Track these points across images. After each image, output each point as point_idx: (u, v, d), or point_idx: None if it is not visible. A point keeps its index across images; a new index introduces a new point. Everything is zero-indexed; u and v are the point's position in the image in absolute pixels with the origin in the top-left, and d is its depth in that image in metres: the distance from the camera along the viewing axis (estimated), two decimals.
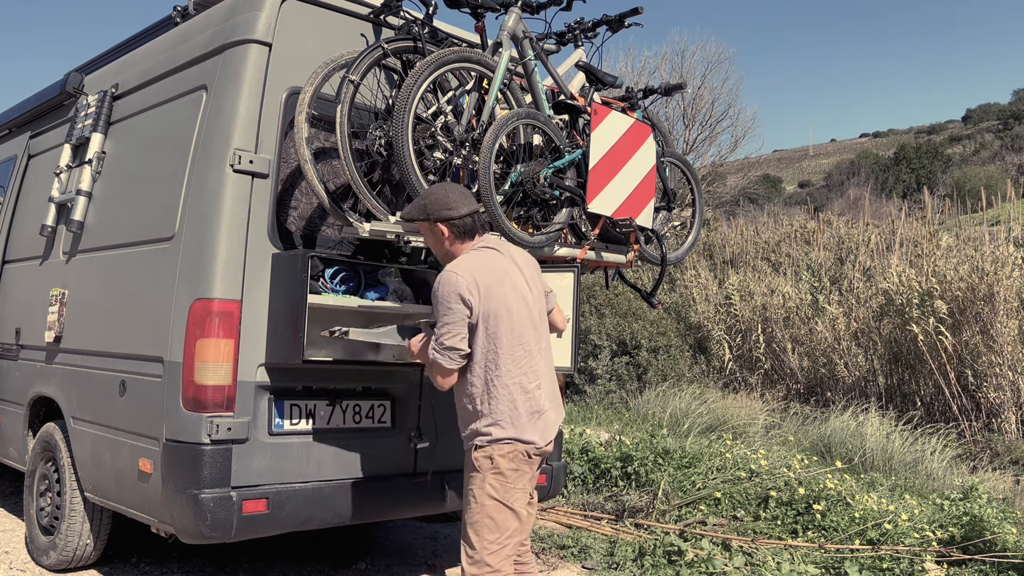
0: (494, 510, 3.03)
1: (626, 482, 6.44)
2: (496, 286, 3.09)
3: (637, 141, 4.23)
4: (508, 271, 3.18)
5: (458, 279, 3.04)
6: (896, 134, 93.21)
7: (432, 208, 3.18)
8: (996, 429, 8.75)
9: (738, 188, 29.82)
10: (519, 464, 3.06)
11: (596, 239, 4.23)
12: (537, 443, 3.09)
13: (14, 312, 5.32)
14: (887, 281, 10.16)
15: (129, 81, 4.59)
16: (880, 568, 4.76)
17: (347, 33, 3.96)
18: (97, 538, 4.35)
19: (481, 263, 3.13)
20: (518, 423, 3.06)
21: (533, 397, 3.11)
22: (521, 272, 3.23)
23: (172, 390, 3.55)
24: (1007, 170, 46.82)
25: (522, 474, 3.08)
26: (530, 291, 3.23)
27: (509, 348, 3.08)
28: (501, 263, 3.19)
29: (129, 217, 4.24)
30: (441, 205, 3.16)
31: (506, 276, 3.16)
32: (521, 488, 3.08)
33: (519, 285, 3.19)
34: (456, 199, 3.17)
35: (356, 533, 5.44)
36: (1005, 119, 75.47)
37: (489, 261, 3.16)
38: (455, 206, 3.16)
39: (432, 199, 3.19)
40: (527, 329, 3.15)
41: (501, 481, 3.04)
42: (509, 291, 3.13)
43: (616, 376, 11.55)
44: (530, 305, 3.20)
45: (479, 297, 3.04)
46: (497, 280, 3.11)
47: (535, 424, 3.11)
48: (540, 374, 3.17)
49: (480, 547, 3.01)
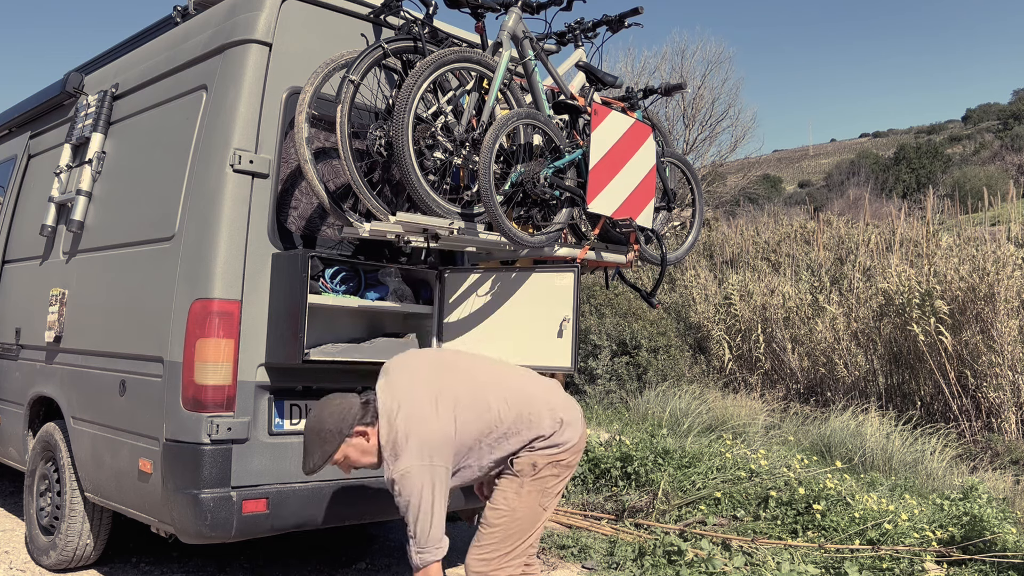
0: (519, 520, 3.07)
1: (626, 482, 6.43)
2: (440, 420, 2.92)
3: (637, 141, 4.23)
4: (437, 367, 3.12)
5: (419, 470, 2.82)
6: (896, 134, 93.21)
7: (333, 435, 2.95)
8: (996, 429, 8.75)
9: (738, 188, 29.82)
10: (561, 471, 3.11)
11: (596, 239, 4.23)
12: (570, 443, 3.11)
13: (14, 312, 5.32)
14: (887, 281, 10.16)
15: (129, 81, 4.59)
16: (880, 568, 4.76)
17: (347, 33, 3.96)
18: (97, 538, 4.35)
19: (417, 420, 2.90)
20: (549, 433, 3.06)
21: (536, 413, 3.08)
22: (436, 361, 3.20)
23: (172, 390, 3.55)
24: (1007, 170, 46.81)
25: (563, 480, 3.14)
26: (457, 363, 3.18)
27: (490, 415, 3.01)
28: (424, 365, 3.12)
29: (129, 217, 4.24)
30: (336, 427, 2.95)
31: (436, 375, 3.06)
32: (557, 495, 3.15)
33: (447, 375, 3.08)
34: (330, 425, 2.96)
35: (356, 533, 5.44)
36: (1005, 119, 75.48)
37: (419, 405, 2.94)
38: (340, 426, 2.95)
39: (324, 427, 2.95)
40: (484, 387, 3.07)
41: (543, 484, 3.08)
42: (445, 407, 2.96)
43: (616, 376, 11.54)
44: (464, 377, 3.10)
45: (447, 447, 2.90)
46: (432, 413, 2.92)
47: (566, 426, 3.12)
48: (532, 390, 3.16)
49: (503, 562, 3.05)
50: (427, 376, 3.05)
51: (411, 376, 3.04)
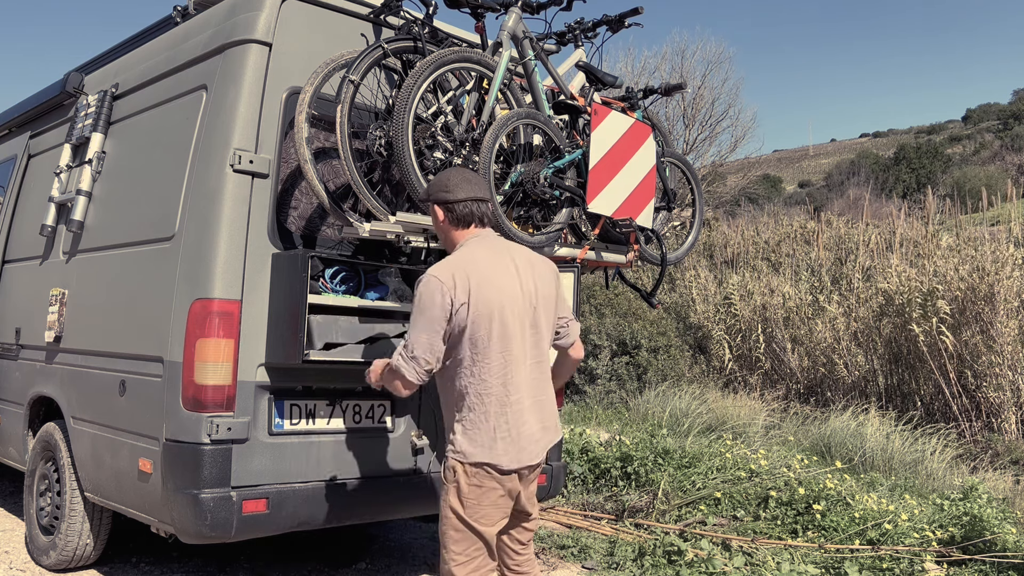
0: (455, 524, 2.84)
1: (626, 482, 6.43)
2: (485, 288, 2.82)
3: (637, 141, 4.23)
4: (503, 273, 2.90)
5: (440, 284, 2.79)
6: (896, 134, 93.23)
7: (433, 188, 3.01)
8: (996, 429, 8.75)
9: (738, 188, 29.84)
10: (483, 482, 2.82)
11: (596, 239, 4.23)
12: (504, 466, 2.81)
13: (14, 312, 5.32)
14: (887, 281, 10.16)
15: (129, 81, 4.59)
16: (880, 568, 4.76)
17: (347, 33, 3.96)
18: (97, 538, 4.35)
19: (472, 261, 2.87)
20: (488, 442, 2.81)
21: (513, 413, 2.84)
22: (519, 273, 2.94)
23: (172, 390, 3.55)
24: (1007, 170, 46.82)
25: (487, 492, 2.83)
26: (528, 294, 2.94)
27: (492, 357, 2.82)
28: (496, 263, 2.91)
29: (129, 217, 4.24)
30: (440, 186, 2.98)
31: (500, 276, 2.88)
32: (489, 505, 2.84)
33: (514, 287, 2.90)
34: (456, 182, 2.96)
35: (356, 533, 5.44)
36: (1005, 119, 75.52)
37: (483, 259, 2.89)
38: (453, 189, 2.95)
39: (436, 179, 3.04)
40: (515, 338, 2.87)
41: (462, 497, 2.82)
42: (500, 293, 2.85)
43: (616, 376, 11.54)
44: (523, 311, 2.91)
45: (464, 301, 2.79)
46: (487, 282, 2.84)
47: (510, 444, 2.83)
48: (526, 387, 2.90)
49: (447, 557, 2.86)
50: (498, 292, 2.88)
51: (490, 277, 2.88)
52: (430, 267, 2.88)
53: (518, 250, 3.05)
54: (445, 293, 2.79)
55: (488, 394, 2.83)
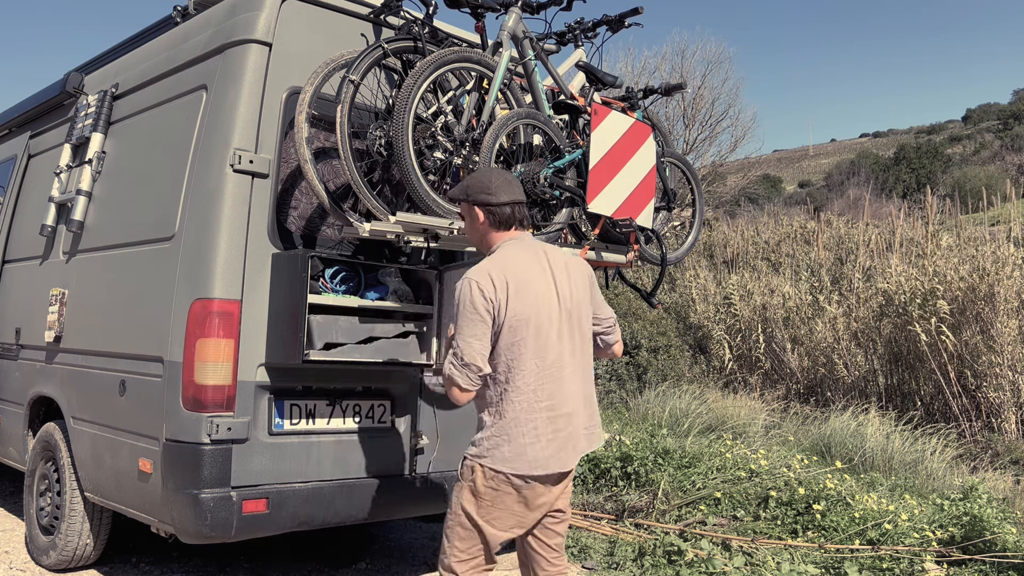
0: (463, 522, 2.84)
1: (626, 482, 6.43)
2: (524, 293, 2.81)
3: (637, 141, 4.23)
4: (540, 278, 2.89)
5: (481, 287, 2.78)
6: (896, 134, 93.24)
7: (473, 189, 2.97)
8: (996, 429, 8.75)
9: (738, 188, 29.85)
10: (500, 486, 2.80)
11: (596, 239, 4.23)
12: (527, 473, 2.79)
13: (14, 312, 5.32)
14: (887, 281, 10.16)
15: (129, 81, 4.60)
16: (880, 568, 4.76)
17: (347, 33, 3.96)
18: (97, 538, 4.35)
19: (510, 264, 2.86)
20: (516, 449, 2.79)
21: (546, 420, 2.82)
22: (554, 277, 2.93)
23: (172, 390, 3.55)
24: (1007, 170, 46.81)
25: (502, 496, 2.81)
26: (564, 299, 2.93)
27: (527, 363, 2.80)
28: (533, 265, 2.90)
29: (129, 217, 4.24)
30: (481, 188, 2.95)
31: (537, 280, 2.87)
32: (502, 509, 2.82)
33: (550, 292, 2.89)
34: (499, 185, 2.95)
35: (356, 533, 5.44)
36: (1005, 119, 75.52)
37: (520, 262, 2.88)
38: (495, 192, 2.93)
39: (475, 180, 2.99)
40: (551, 344, 2.85)
41: (477, 497, 2.82)
42: (537, 298, 2.85)
43: (616, 376, 11.55)
44: (560, 317, 2.90)
45: (503, 304, 2.78)
46: (525, 284, 2.83)
47: (539, 451, 2.80)
48: (560, 393, 2.86)
49: (450, 551, 2.87)
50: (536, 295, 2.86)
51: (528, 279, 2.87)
52: (468, 269, 2.87)
53: (553, 253, 3.03)
54: (487, 295, 2.78)
55: (521, 401, 2.81)
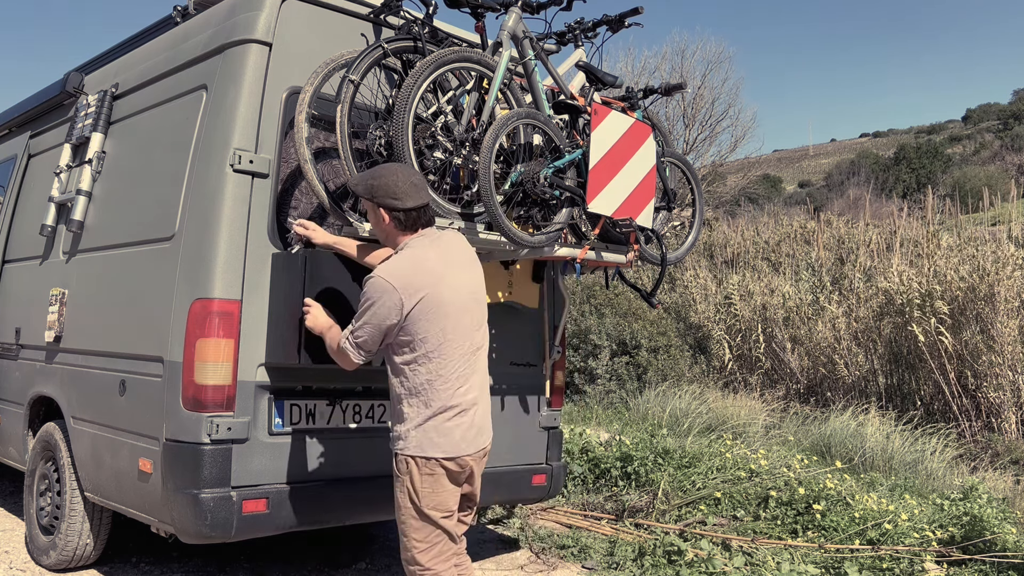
0: (412, 514, 3.02)
1: (626, 482, 6.44)
2: (431, 288, 2.97)
3: (637, 141, 4.23)
4: (449, 268, 3.06)
5: (392, 286, 2.93)
6: (896, 134, 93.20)
7: (379, 192, 3.04)
8: (996, 429, 8.76)
9: (738, 188, 29.88)
10: (434, 469, 2.99)
11: (596, 239, 4.23)
12: (456, 455, 3.01)
13: (14, 312, 5.32)
14: (887, 281, 10.16)
15: (129, 81, 4.59)
16: (880, 568, 4.76)
17: (347, 33, 3.95)
18: (97, 538, 4.35)
19: (419, 260, 3.02)
20: (442, 434, 2.99)
21: (467, 404, 3.04)
22: (461, 270, 3.12)
23: (172, 390, 3.55)
24: (1007, 170, 46.83)
25: (439, 479, 3.01)
26: (473, 290, 3.14)
27: (445, 353, 2.99)
28: (443, 261, 3.07)
29: (129, 217, 4.24)
30: (388, 192, 3.03)
31: (447, 274, 3.04)
32: (443, 493, 3.02)
33: (459, 284, 3.08)
34: (405, 191, 3.03)
35: (356, 533, 5.44)
36: (1005, 119, 75.49)
37: (430, 258, 3.04)
38: (402, 198, 3.02)
39: (381, 181, 3.05)
40: (467, 330, 3.06)
41: (417, 489, 3.00)
42: (452, 293, 3.02)
43: (616, 376, 11.55)
44: (470, 307, 3.10)
45: (416, 301, 2.94)
46: (439, 280, 3.00)
47: (464, 433, 3.02)
48: (474, 378, 3.08)
49: (409, 545, 3.03)
50: (442, 290, 3.02)
51: (435, 276, 3.02)
52: (379, 266, 3.03)
53: (457, 245, 3.21)
54: (397, 295, 2.94)
55: (445, 389, 2.99)
